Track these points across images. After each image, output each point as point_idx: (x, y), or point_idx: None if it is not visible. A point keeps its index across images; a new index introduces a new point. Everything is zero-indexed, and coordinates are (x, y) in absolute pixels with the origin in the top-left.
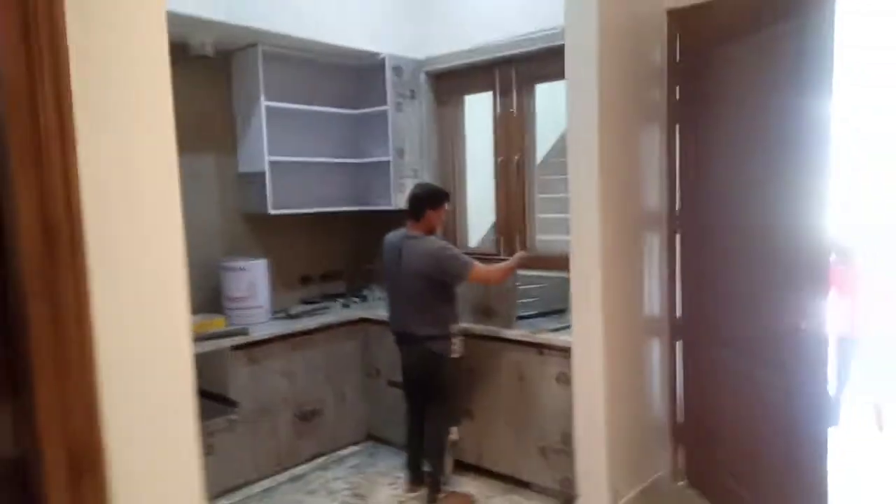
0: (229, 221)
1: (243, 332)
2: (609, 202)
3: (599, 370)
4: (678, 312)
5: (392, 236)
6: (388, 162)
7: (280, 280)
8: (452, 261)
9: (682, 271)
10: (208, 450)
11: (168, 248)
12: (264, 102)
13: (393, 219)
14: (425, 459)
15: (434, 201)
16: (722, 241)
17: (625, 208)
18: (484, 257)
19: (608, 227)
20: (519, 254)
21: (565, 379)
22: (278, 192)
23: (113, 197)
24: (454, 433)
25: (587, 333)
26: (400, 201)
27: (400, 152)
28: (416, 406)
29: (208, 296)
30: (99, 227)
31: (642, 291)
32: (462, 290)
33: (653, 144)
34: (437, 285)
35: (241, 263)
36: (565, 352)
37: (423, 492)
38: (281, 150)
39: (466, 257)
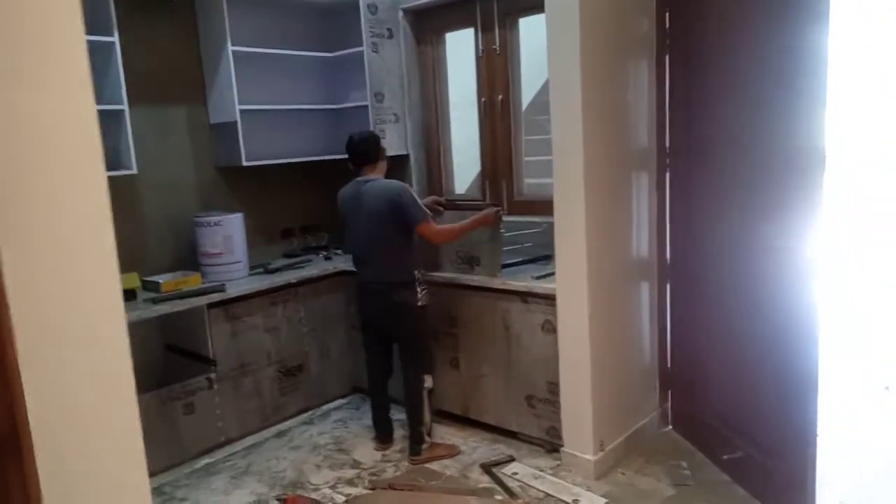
0: (203, 175)
1: (220, 290)
2: (593, 140)
3: (584, 317)
4: (668, 255)
5: (347, 187)
6: (366, 107)
7: (260, 234)
8: (412, 206)
9: (673, 212)
10: (188, 409)
11: (90, 208)
12: (231, 48)
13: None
14: (407, 412)
15: (378, 143)
16: (714, 180)
17: (611, 147)
18: (471, 204)
19: (592, 166)
20: (485, 211)
21: (551, 327)
22: (251, 143)
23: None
24: (428, 382)
25: (571, 279)
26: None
27: (379, 96)
28: (378, 359)
29: (183, 253)
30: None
31: (630, 234)
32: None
33: (641, 78)
34: (400, 229)
35: (215, 218)
36: (550, 300)
37: (396, 447)
38: (253, 98)
39: (423, 208)
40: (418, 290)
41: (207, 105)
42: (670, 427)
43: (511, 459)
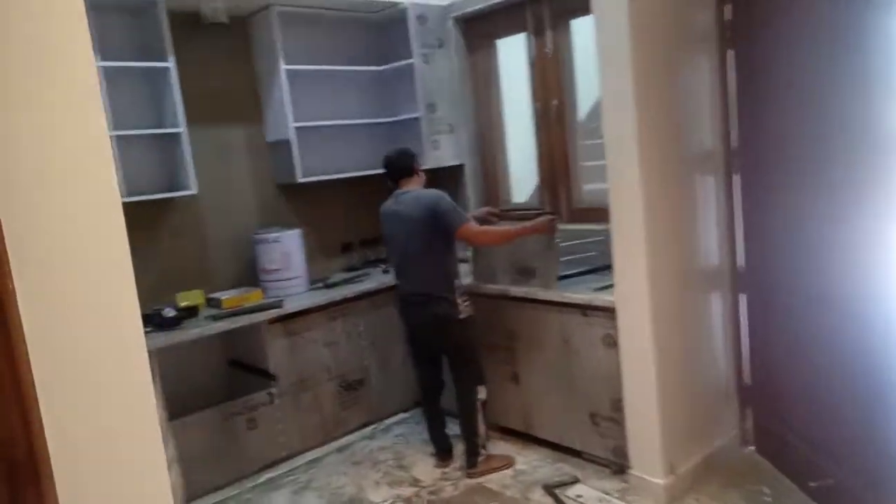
0: (263, 193)
1: (277, 305)
2: (649, 140)
3: (647, 330)
4: (741, 262)
5: (388, 201)
6: (419, 119)
7: (321, 249)
8: (449, 211)
9: (745, 216)
10: (251, 424)
11: (110, 234)
12: (284, 66)
13: (434, 177)
14: (460, 425)
15: (416, 156)
16: (789, 179)
17: (670, 147)
18: (527, 213)
19: (650, 169)
20: (540, 219)
21: (612, 341)
22: (307, 159)
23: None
24: (482, 393)
25: (630, 290)
26: (435, 159)
27: (431, 107)
28: (426, 373)
29: (246, 269)
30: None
31: (696, 240)
32: (495, 252)
33: (701, 74)
34: (438, 237)
35: (273, 235)
36: (611, 312)
37: (455, 464)
38: (307, 114)
39: (462, 212)
40: (458, 301)
41: (264, 123)
42: (752, 448)
43: (575, 481)
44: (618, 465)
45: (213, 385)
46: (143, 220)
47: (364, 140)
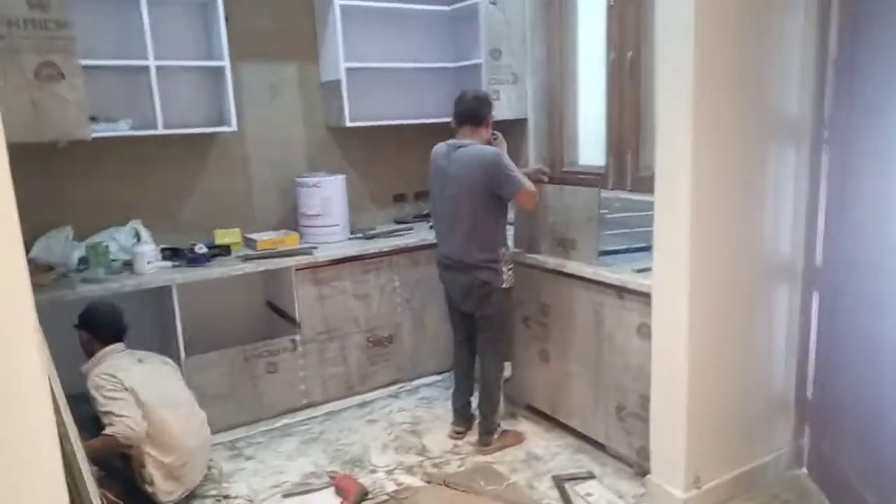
0: (313, 135)
1: (307, 252)
2: (710, 100)
3: (682, 322)
4: (818, 255)
5: (440, 147)
6: (479, 66)
7: (371, 198)
8: (511, 175)
9: (830, 201)
10: (271, 368)
11: None
12: (338, 2)
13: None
14: (480, 400)
15: (492, 106)
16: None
17: (739, 109)
18: (581, 178)
19: (707, 133)
20: (530, 168)
21: (648, 331)
22: (357, 103)
23: None
24: (507, 370)
25: (668, 275)
26: (496, 112)
27: (495, 53)
28: (463, 341)
29: (288, 212)
30: None
31: (763, 225)
32: (538, 218)
33: (791, 27)
34: (490, 201)
35: (314, 179)
36: (649, 298)
37: (467, 439)
38: (362, 55)
39: (521, 176)
40: (503, 269)
41: (319, 62)
42: (804, 471)
43: (590, 476)
44: (641, 467)
45: (249, 325)
46: (186, 153)
47: (420, 86)
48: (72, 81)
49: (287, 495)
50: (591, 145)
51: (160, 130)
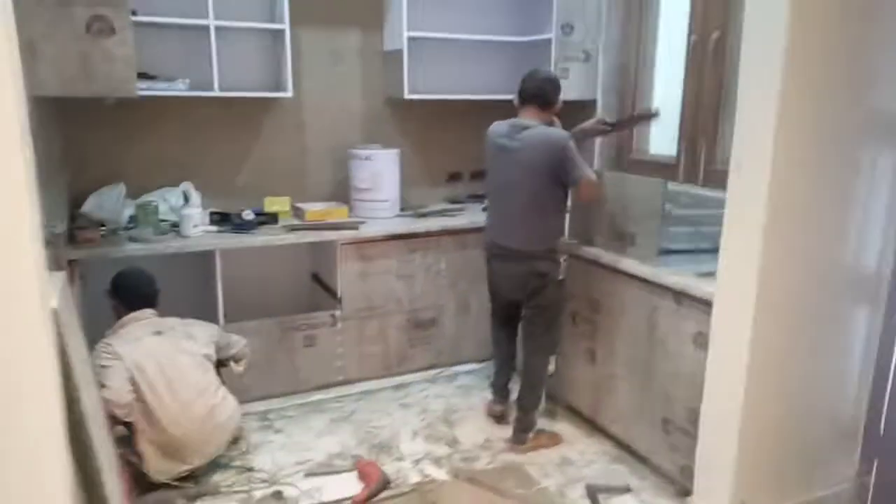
0: (371, 106)
1: (352, 227)
2: (799, 89)
3: (744, 335)
4: None
5: (500, 125)
6: (549, 41)
7: (425, 175)
8: (576, 162)
9: None
10: (308, 342)
11: None
12: None
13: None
14: (521, 394)
15: (560, 93)
16: None
17: (832, 103)
18: (663, 168)
19: (793, 127)
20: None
21: (704, 341)
22: (418, 74)
23: None
24: (552, 364)
25: (734, 282)
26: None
27: (567, 28)
28: (504, 336)
29: (340, 184)
30: None
31: (846, 235)
32: (596, 208)
33: None
34: (554, 187)
35: (366, 152)
36: (708, 306)
37: (500, 433)
38: (427, 25)
39: (586, 165)
40: (561, 259)
41: (383, 30)
42: None
43: (626, 490)
44: (683, 487)
45: (294, 295)
46: (242, 117)
47: (484, 60)
48: (121, 36)
49: (309, 474)
50: (663, 133)
51: (216, 92)
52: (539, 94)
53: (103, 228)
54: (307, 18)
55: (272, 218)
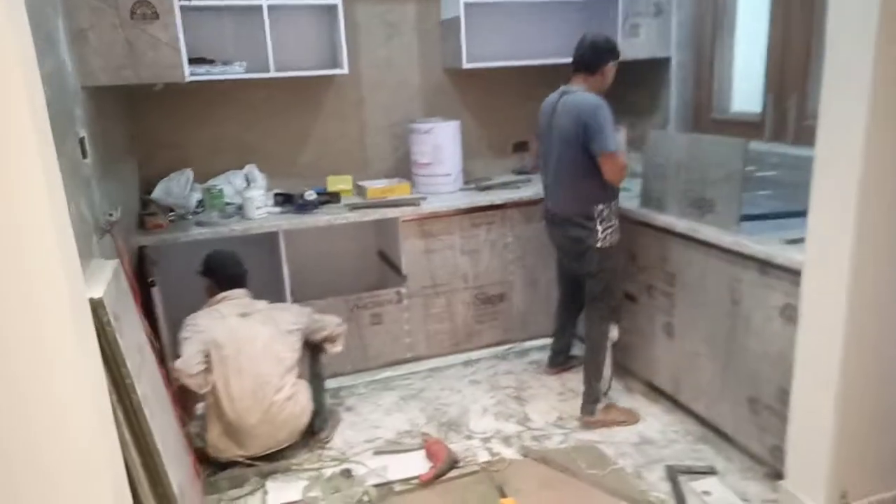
0: (430, 78)
1: (413, 203)
2: None
3: (840, 308)
4: None
5: (551, 96)
6: None
7: (490, 146)
8: (598, 131)
9: None
10: (375, 319)
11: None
12: None
13: (626, 73)
14: (584, 365)
15: (614, 54)
16: None
17: None
18: (748, 127)
19: (893, 73)
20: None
21: (793, 315)
22: (477, 42)
23: None
24: (613, 332)
25: (826, 250)
26: (630, 48)
27: None
28: (564, 297)
29: (401, 159)
30: None
31: None
32: (670, 170)
33: None
34: (584, 152)
35: (425, 125)
36: (798, 275)
37: (570, 411)
38: None
39: (614, 137)
40: (598, 228)
41: None
42: None
43: (710, 472)
44: (773, 469)
45: (361, 273)
46: (301, 97)
47: (547, 22)
48: (165, 21)
49: (378, 452)
50: (747, 89)
51: (272, 73)
52: (580, 60)
53: (172, 214)
54: None
55: (334, 197)
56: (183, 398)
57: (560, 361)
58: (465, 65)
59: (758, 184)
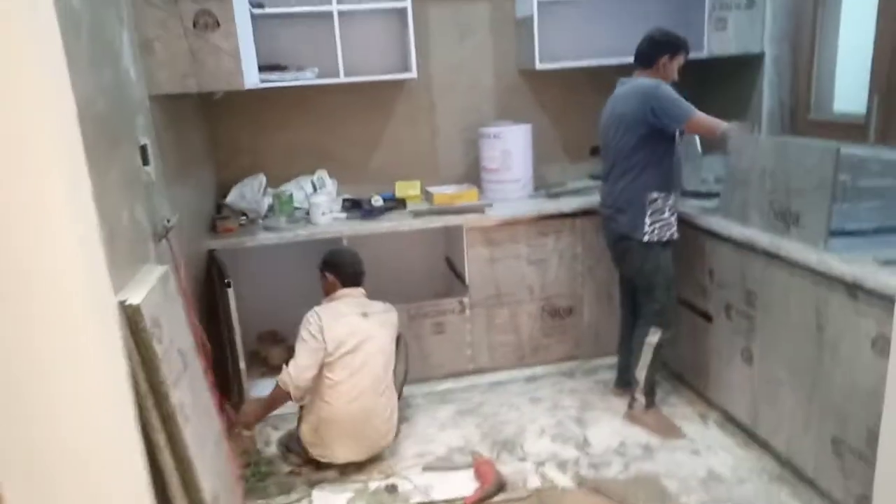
0: (503, 80)
1: (479, 210)
2: None
3: None
4: None
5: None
6: None
7: (565, 150)
8: (666, 101)
9: None
10: (437, 329)
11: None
12: None
13: (713, 71)
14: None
15: (673, 47)
16: None
17: None
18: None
19: None
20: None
21: (885, 346)
22: (551, 41)
23: None
24: (653, 335)
25: None
26: (717, 44)
27: None
28: (626, 307)
29: (472, 165)
30: None
31: None
32: (754, 178)
33: None
34: (644, 135)
35: (493, 129)
36: (892, 302)
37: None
38: None
39: (686, 103)
40: (647, 220)
41: None
42: None
43: None
44: None
45: (428, 280)
46: (372, 102)
47: (625, 17)
48: (226, 29)
49: (427, 468)
50: (850, 87)
51: (342, 79)
52: (637, 54)
53: (244, 218)
54: None
55: (400, 203)
56: (272, 399)
57: (627, 380)
58: (539, 65)
59: (857, 194)
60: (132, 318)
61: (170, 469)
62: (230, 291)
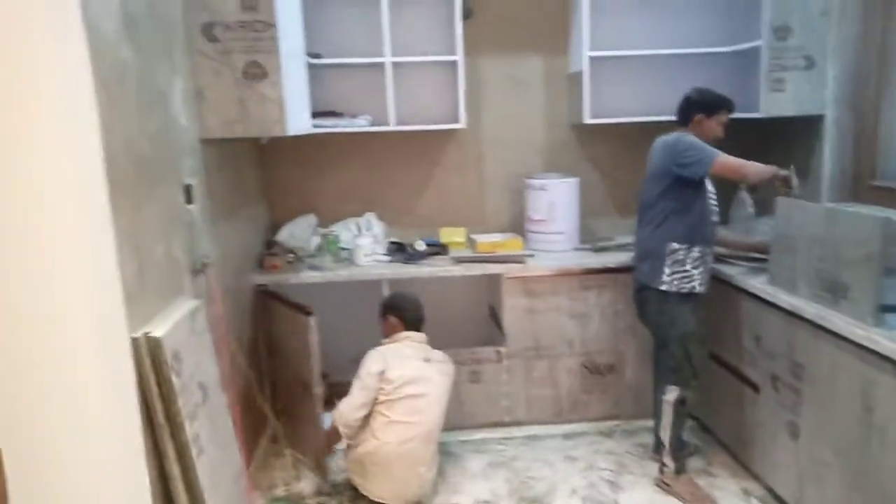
0: (554, 133)
1: (519, 261)
2: None
3: None
4: None
5: None
6: (758, 48)
7: (615, 204)
8: (687, 147)
9: None
10: (474, 377)
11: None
12: None
13: (772, 133)
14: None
15: (710, 106)
16: None
17: None
18: None
19: None
20: (774, 169)
21: None
22: (603, 97)
23: None
24: (670, 393)
25: None
26: (774, 105)
27: (781, 32)
28: (656, 356)
29: (518, 215)
30: None
31: None
32: (801, 245)
33: None
34: (670, 184)
35: (540, 181)
36: None
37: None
38: (614, 42)
39: (709, 148)
40: (665, 269)
41: (568, 53)
42: None
43: None
44: None
45: (471, 327)
46: (422, 149)
47: (678, 75)
48: (273, 79)
49: None
50: None
51: (392, 127)
52: (678, 111)
53: (292, 256)
54: (488, 47)
55: (443, 249)
56: (329, 434)
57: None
58: (587, 120)
59: None
60: (153, 350)
61: (182, 500)
62: (312, 320)
